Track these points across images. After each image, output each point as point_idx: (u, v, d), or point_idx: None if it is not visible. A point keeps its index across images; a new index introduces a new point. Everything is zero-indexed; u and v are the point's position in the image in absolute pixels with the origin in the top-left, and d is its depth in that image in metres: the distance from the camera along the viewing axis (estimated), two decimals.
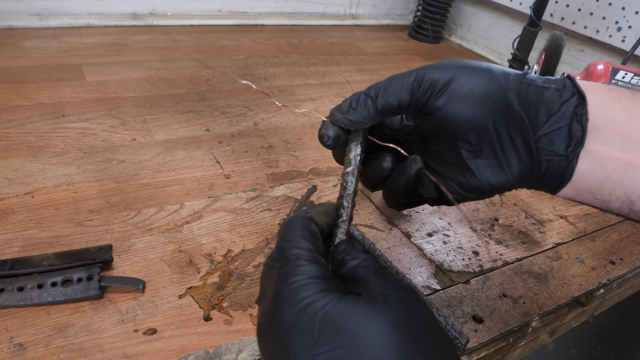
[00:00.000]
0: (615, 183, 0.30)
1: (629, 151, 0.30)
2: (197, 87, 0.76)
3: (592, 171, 0.31)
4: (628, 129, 0.30)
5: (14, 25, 0.85)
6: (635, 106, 0.30)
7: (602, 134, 0.30)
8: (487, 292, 0.46)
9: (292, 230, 0.27)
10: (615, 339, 1.39)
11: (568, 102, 0.30)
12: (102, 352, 0.34)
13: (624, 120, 0.30)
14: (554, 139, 0.30)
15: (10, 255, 0.41)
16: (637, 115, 0.30)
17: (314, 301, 0.23)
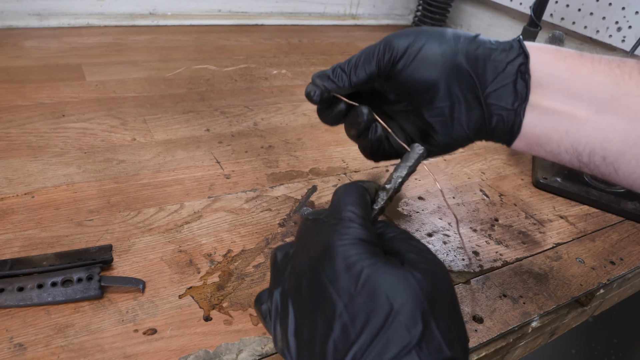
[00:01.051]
0: (561, 135, 0.34)
1: (572, 105, 0.33)
2: (197, 87, 0.76)
3: (539, 124, 0.34)
4: (571, 85, 0.33)
5: (14, 25, 0.85)
6: (579, 64, 0.33)
7: (547, 90, 0.33)
8: (487, 292, 0.46)
9: (349, 195, 0.30)
10: (615, 339, 1.39)
11: (513, 62, 0.34)
12: (102, 352, 0.34)
13: (567, 77, 0.33)
14: (502, 95, 0.34)
15: (10, 255, 0.41)
16: (580, 72, 0.33)
17: (362, 259, 0.26)
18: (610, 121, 0.32)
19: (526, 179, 0.67)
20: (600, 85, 0.32)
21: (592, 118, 0.33)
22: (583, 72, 0.33)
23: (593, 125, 0.33)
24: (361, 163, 0.63)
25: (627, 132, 0.32)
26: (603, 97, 0.32)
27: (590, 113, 0.33)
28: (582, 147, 0.33)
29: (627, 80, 0.32)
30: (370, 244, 0.27)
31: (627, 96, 0.32)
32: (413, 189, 0.60)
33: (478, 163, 0.69)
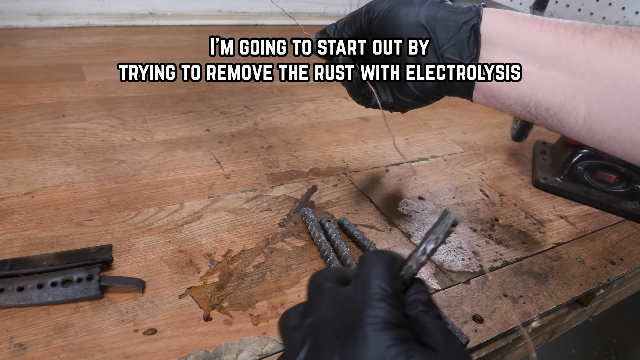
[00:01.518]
0: (509, 87, 0.38)
1: (519, 60, 0.37)
2: (197, 87, 0.76)
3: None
4: (519, 43, 0.37)
5: (14, 25, 0.85)
6: (529, 25, 0.38)
7: (497, 47, 0.38)
8: (487, 292, 0.46)
9: (378, 266, 0.27)
10: (615, 339, 1.39)
11: (468, 22, 0.38)
12: (102, 352, 0.34)
13: (516, 35, 0.38)
14: (456, 50, 0.39)
15: (10, 255, 0.41)
16: (528, 32, 0.37)
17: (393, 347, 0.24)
18: (552, 75, 0.36)
19: (526, 179, 0.67)
20: (546, 42, 0.36)
21: (537, 72, 0.37)
22: (531, 32, 0.37)
23: (537, 78, 0.37)
24: (361, 163, 0.63)
25: (567, 85, 0.35)
26: (547, 53, 0.36)
27: (535, 68, 0.37)
28: (528, 98, 0.37)
29: (570, 39, 0.36)
30: (402, 328, 0.26)
31: (568, 53, 0.35)
32: (413, 189, 0.60)
33: (478, 163, 0.69)
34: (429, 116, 0.80)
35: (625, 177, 0.62)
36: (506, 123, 0.84)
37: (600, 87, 0.34)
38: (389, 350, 0.24)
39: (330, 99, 0.80)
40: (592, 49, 0.35)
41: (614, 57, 0.34)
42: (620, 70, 0.33)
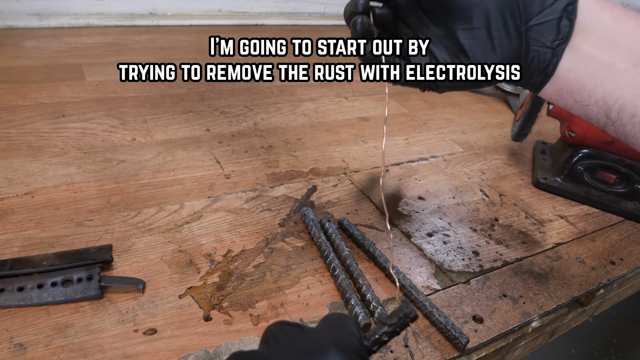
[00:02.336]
0: (595, 84, 0.33)
1: (612, 55, 0.32)
2: (197, 87, 0.76)
3: (574, 68, 0.33)
4: (614, 35, 0.32)
5: (14, 25, 0.85)
6: (624, 16, 0.33)
7: (590, 35, 0.33)
8: (487, 292, 0.46)
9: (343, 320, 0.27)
10: (615, 339, 1.39)
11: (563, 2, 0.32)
12: (102, 352, 0.34)
13: (611, 26, 0.32)
14: (544, 31, 0.33)
15: (10, 255, 0.41)
16: (624, 24, 0.32)
17: None
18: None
19: (526, 179, 0.67)
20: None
21: (630, 71, 0.32)
22: (627, 24, 0.32)
23: (629, 79, 0.32)
24: (361, 163, 0.63)
25: None
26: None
27: (628, 66, 0.32)
28: (613, 100, 0.33)
29: None
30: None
31: None
32: (413, 189, 0.60)
33: (478, 163, 0.69)
34: (429, 116, 0.80)
35: (625, 177, 0.62)
36: (506, 123, 0.84)
37: None
38: None
39: (330, 99, 0.80)
40: None
41: None
42: None
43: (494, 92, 0.95)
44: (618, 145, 0.60)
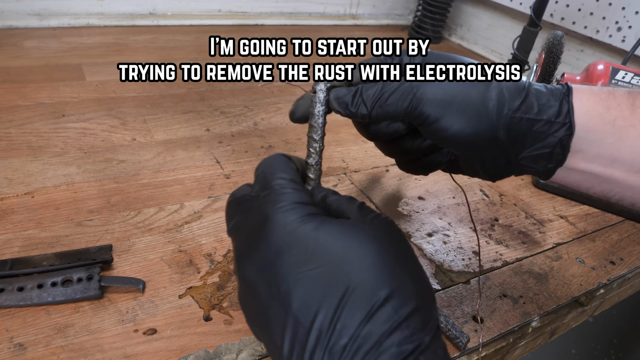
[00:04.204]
0: (592, 185, 0.33)
1: (611, 168, 0.32)
2: (197, 87, 0.76)
3: (569, 176, 0.34)
4: (614, 149, 0.31)
5: (14, 25, 0.85)
6: (628, 126, 0.31)
7: (587, 155, 0.32)
8: (487, 292, 0.46)
9: (273, 164, 0.29)
10: (615, 339, 1.39)
11: (555, 134, 0.32)
12: (102, 352, 0.34)
13: (612, 141, 0.31)
14: (536, 159, 0.33)
15: (10, 255, 0.41)
16: (627, 136, 0.31)
17: (305, 222, 0.25)
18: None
19: (526, 179, 0.67)
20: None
21: (630, 178, 0.32)
22: (630, 136, 0.31)
23: (630, 183, 0.32)
24: (361, 163, 0.63)
25: None
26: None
27: (629, 174, 0.32)
28: (612, 194, 0.33)
29: None
30: (310, 205, 0.26)
31: None
32: (413, 189, 0.60)
33: None
34: None
35: None
36: None
37: None
38: (299, 225, 0.25)
39: None
40: None
41: None
42: None
43: None
44: None
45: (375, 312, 0.22)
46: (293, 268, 0.23)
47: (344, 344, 0.22)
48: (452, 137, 0.32)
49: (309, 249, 0.24)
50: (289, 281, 0.23)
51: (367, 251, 0.24)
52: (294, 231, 0.24)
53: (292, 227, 0.25)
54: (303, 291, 0.23)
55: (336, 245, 0.24)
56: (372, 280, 0.23)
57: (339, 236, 0.24)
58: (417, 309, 0.23)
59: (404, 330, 0.22)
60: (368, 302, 0.22)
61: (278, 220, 0.25)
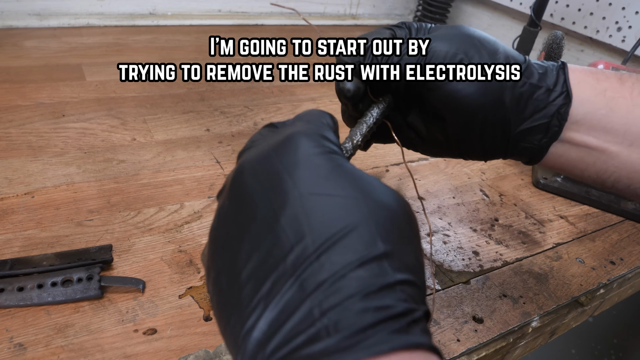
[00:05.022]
0: (587, 165, 0.34)
1: (605, 140, 0.32)
2: (197, 87, 0.76)
3: (565, 154, 0.34)
4: (607, 121, 0.32)
5: (14, 25, 0.85)
6: (618, 97, 0.32)
7: (581, 127, 0.33)
8: (487, 292, 0.46)
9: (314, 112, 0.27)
10: (615, 339, 1.39)
11: (554, 102, 0.33)
12: (102, 352, 0.34)
13: (604, 113, 0.32)
14: (532, 132, 0.33)
15: (10, 255, 0.41)
16: (618, 107, 0.32)
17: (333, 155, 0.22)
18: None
19: (526, 179, 0.67)
20: (638, 119, 0.32)
21: (624, 152, 0.32)
22: (621, 107, 0.32)
23: (623, 158, 0.32)
24: (361, 163, 0.63)
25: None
26: (639, 131, 0.32)
27: (622, 147, 0.32)
28: (607, 175, 0.33)
29: None
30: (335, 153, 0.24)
31: None
32: (413, 189, 0.60)
33: (478, 163, 0.69)
34: None
35: None
36: None
37: None
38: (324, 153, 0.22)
39: (330, 99, 0.80)
40: None
41: None
42: None
43: None
44: None
45: (370, 262, 0.19)
46: (298, 185, 0.21)
47: (322, 279, 0.19)
48: (461, 99, 0.33)
49: (324, 176, 0.21)
50: (288, 196, 0.20)
51: (382, 204, 0.21)
52: (317, 155, 0.22)
53: (317, 151, 0.22)
54: (297, 211, 0.20)
55: (354, 185, 0.21)
56: (377, 230, 0.20)
57: (360, 181, 0.21)
58: (414, 283, 0.20)
59: (398, 292, 0.19)
60: (365, 248, 0.19)
61: (303, 142, 0.22)
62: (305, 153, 0.22)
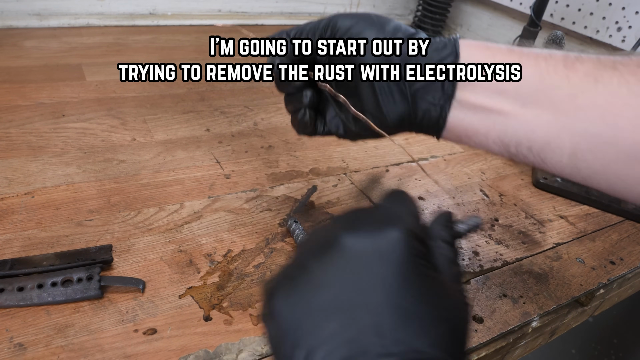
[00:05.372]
0: (488, 128, 0.35)
1: (498, 100, 0.34)
2: (197, 87, 0.76)
3: (465, 118, 0.36)
4: (498, 82, 0.34)
5: (14, 25, 0.85)
6: (508, 61, 0.34)
7: (475, 87, 0.35)
8: (487, 292, 0.46)
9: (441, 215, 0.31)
10: (615, 339, 1.39)
11: (445, 59, 0.35)
12: (102, 352, 0.34)
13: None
14: (429, 90, 0.35)
15: (10, 255, 0.41)
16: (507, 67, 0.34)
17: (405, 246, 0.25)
18: (535, 113, 0.33)
19: (526, 179, 0.67)
20: (527, 79, 0.33)
21: (518, 112, 0.34)
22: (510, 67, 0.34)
23: (519, 118, 0.34)
24: (361, 163, 0.63)
25: (551, 123, 0.33)
26: (528, 91, 0.33)
27: (516, 107, 0.34)
28: (508, 138, 0.35)
29: (552, 74, 0.33)
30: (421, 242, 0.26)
31: (552, 89, 0.33)
32: (413, 189, 0.60)
33: (478, 163, 0.69)
34: None
35: None
36: None
37: (586, 124, 0.32)
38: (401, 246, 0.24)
39: None
40: (576, 84, 0.32)
41: (599, 92, 0.32)
42: (607, 106, 0.31)
43: None
44: None
45: None
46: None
47: None
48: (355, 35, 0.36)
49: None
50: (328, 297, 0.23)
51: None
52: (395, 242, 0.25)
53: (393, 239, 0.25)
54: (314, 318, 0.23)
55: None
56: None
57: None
58: None
59: None
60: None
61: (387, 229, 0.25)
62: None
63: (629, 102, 0.31)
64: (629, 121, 0.31)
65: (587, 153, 0.33)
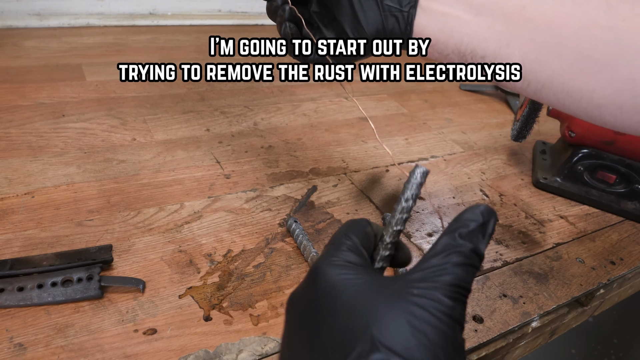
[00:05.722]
0: (447, 35, 0.37)
1: (456, 7, 0.36)
2: (197, 87, 0.76)
3: (428, 25, 0.38)
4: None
5: (14, 25, 0.85)
6: None
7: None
8: (487, 292, 0.46)
9: (348, 226, 0.30)
10: (615, 339, 1.39)
11: None
12: (102, 352, 0.34)
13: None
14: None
15: (10, 255, 0.41)
16: None
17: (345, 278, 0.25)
18: (488, 23, 0.35)
19: (526, 179, 0.67)
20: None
21: (473, 20, 0.36)
22: None
23: (473, 26, 0.36)
24: (361, 163, 0.63)
25: (502, 32, 0.35)
26: (483, 1, 0.35)
27: (471, 15, 0.36)
28: (464, 47, 0.36)
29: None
30: (363, 266, 0.26)
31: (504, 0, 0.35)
32: None
33: (478, 163, 0.69)
34: (429, 116, 0.80)
35: (625, 177, 0.62)
36: (506, 123, 0.84)
37: (533, 34, 0.34)
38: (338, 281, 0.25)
39: (330, 99, 0.80)
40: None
41: (547, 3, 0.34)
42: (553, 16, 0.33)
43: (494, 92, 0.95)
44: (618, 145, 0.60)
45: None
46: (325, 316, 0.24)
47: None
48: None
49: (340, 303, 0.24)
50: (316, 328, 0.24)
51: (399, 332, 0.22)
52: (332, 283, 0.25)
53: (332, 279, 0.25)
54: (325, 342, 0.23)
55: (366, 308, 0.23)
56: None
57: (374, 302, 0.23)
58: None
59: None
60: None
61: (323, 271, 0.26)
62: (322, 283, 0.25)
63: (573, 13, 0.33)
64: (573, 31, 0.33)
65: (535, 64, 0.34)
